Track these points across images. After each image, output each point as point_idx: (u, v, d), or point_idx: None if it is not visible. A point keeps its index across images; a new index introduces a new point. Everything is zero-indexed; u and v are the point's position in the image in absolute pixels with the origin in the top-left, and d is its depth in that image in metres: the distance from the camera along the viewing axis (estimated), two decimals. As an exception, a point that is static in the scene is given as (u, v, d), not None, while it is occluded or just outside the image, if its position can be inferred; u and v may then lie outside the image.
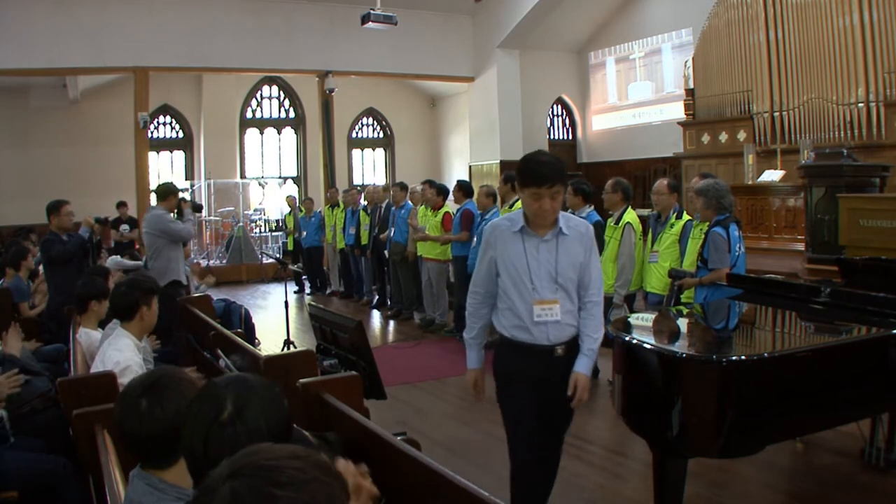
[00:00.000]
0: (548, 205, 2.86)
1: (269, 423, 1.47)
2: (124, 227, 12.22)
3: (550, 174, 2.85)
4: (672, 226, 5.36)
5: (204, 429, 1.46)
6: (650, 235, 5.60)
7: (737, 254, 4.56)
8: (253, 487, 0.99)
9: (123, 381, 2.74)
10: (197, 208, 7.38)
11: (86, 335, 3.97)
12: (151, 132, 14.17)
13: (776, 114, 10.73)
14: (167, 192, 6.45)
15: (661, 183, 5.54)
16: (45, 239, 6.11)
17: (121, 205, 12.42)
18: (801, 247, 8.87)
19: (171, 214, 6.33)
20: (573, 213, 6.12)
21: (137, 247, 11.18)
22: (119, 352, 3.17)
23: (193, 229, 6.72)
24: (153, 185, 14.00)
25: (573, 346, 3.00)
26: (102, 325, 3.99)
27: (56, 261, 5.93)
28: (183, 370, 2.12)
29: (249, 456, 1.05)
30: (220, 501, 0.99)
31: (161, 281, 5.99)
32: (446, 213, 8.23)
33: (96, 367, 3.19)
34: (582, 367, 2.98)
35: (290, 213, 12.59)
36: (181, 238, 6.27)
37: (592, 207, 6.16)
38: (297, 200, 12.84)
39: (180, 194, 6.72)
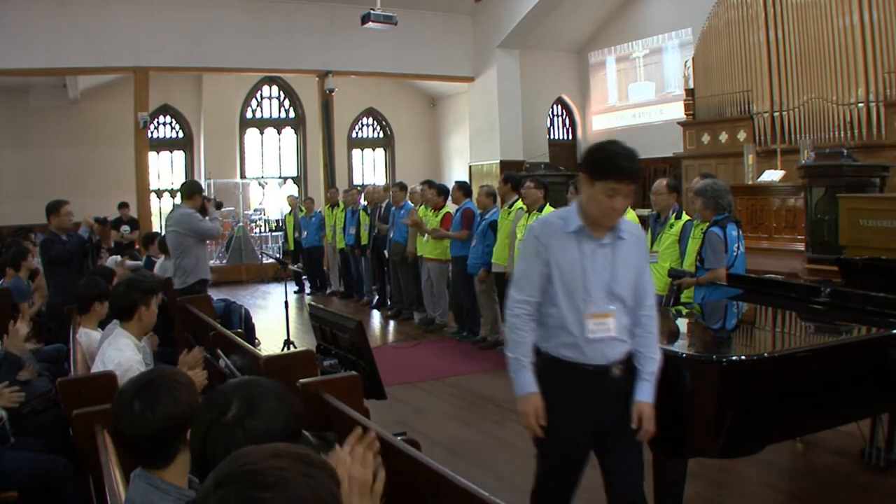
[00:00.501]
0: (620, 203, 2.48)
1: (271, 429, 1.46)
2: (125, 228, 12.23)
3: (634, 169, 2.49)
4: (671, 226, 5.36)
5: (204, 428, 1.46)
6: (649, 235, 5.60)
7: (735, 254, 4.55)
8: (239, 494, 1.01)
9: (124, 381, 2.74)
10: (218, 206, 7.43)
11: (86, 335, 3.97)
12: (151, 132, 14.17)
13: (776, 114, 10.74)
14: (193, 190, 6.47)
15: (661, 183, 5.54)
16: (45, 239, 6.10)
17: (122, 206, 12.42)
18: (801, 247, 8.88)
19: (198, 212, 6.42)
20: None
21: (137, 247, 11.19)
22: (119, 352, 3.17)
23: (220, 227, 6.81)
24: (153, 185, 14.07)
25: (630, 366, 2.60)
26: (102, 325, 3.99)
27: (56, 261, 5.93)
28: (180, 371, 2.12)
29: (232, 463, 1.07)
30: None
31: (190, 279, 6.20)
32: (447, 213, 8.23)
33: (96, 368, 3.19)
34: (646, 395, 2.58)
35: (290, 212, 12.59)
36: (210, 236, 6.40)
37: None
38: (298, 200, 12.84)
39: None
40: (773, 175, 10.01)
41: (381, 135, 17.89)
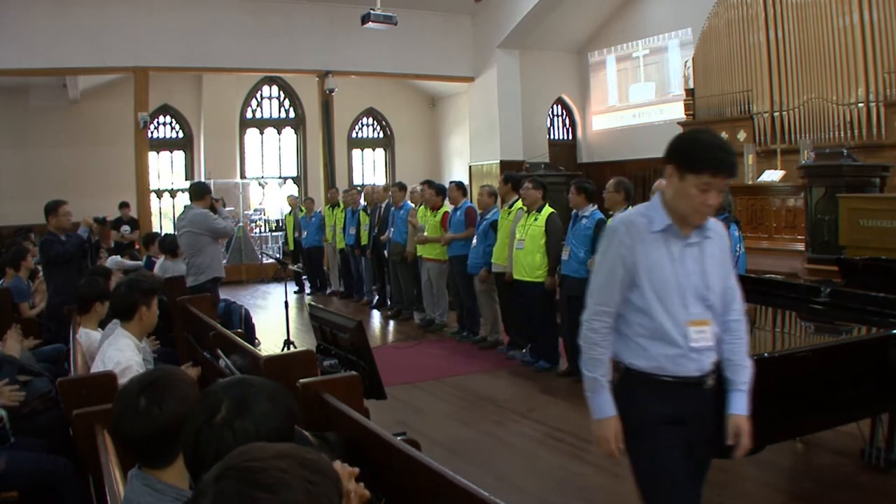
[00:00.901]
0: (713, 199, 2.25)
1: (262, 429, 1.46)
2: (125, 228, 12.22)
3: (731, 161, 2.24)
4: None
5: (196, 427, 1.46)
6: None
7: (736, 254, 4.55)
8: (236, 490, 1.00)
9: (124, 381, 2.74)
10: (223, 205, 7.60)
11: (86, 335, 3.97)
12: (151, 132, 14.15)
13: (776, 114, 10.74)
14: (203, 191, 6.68)
15: (660, 183, 5.50)
16: (44, 239, 6.10)
17: (123, 205, 12.41)
18: (801, 247, 8.89)
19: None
20: (577, 213, 6.13)
21: (137, 247, 11.18)
22: (119, 352, 3.17)
23: (232, 225, 7.05)
24: (153, 186, 14.06)
25: (719, 376, 2.40)
26: (102, 325, 3.99)
27: (55, 261, 5.92)
28: (182, 370, 2.12)
29: (237, 457, 1.06)
30: None
31: (204, 277, 6.40)
32: (445, 212, 8.22)
33: (96, 368, 3.19)
34: (741, 407, 2.36)
35: (290, 212, 12.59)
36: (225, 234, 6.68)
37: (596, 206, 6.17)
38: (298, 200, 12.84)
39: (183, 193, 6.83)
40: (772, 175, 10.02)
41: (381, 135, 17.88)
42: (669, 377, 2.29)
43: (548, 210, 6.51)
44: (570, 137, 16.09)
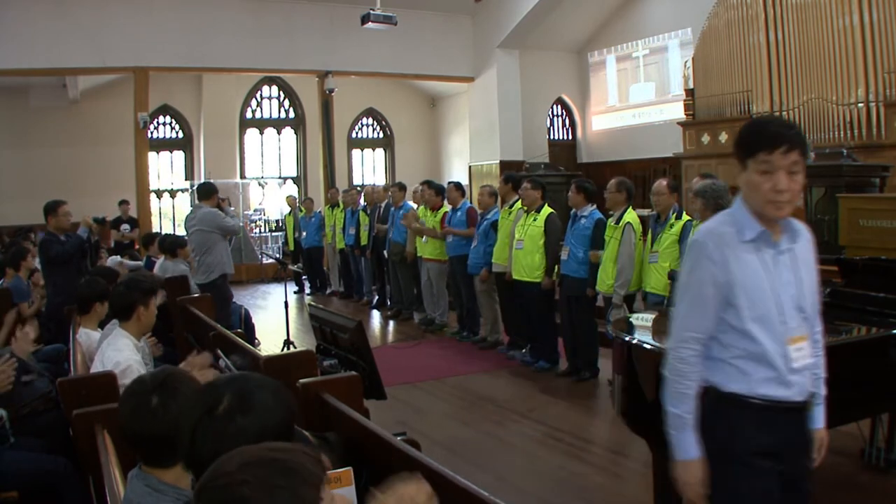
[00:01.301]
0: (784, 182, 1.97)
1: (264, 425, 1.45)
2: (125, 227, 12.20)
3: (792, 135, 1.98)
4: (672, 226, 5.36)
5: (194, 420, 1.46)
6: (650, 236, 5.61)
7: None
8: None
9: (125, 381, 2.74)
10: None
11: (86, 335, 3.97)
12: (151, 132, 14.15)
13: (776, 114, 10.73)
14: (210, 191, 6.90)
15: (661, 183, 5.54)
16: (43, 239, 6.10)
17: (122, 203, 12.38)
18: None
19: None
20: (576, 213, 6.14)
21: (137, 247, 11.18)
22: (118, 352, 3.17)
23: (240, 223, 7.22)
24: (153, 186, 14.05)
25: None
26: (102, 325, 3.99)
27: (54, 261, 5.93)
28: (187, 371, 2.12)
29: (210, 474, 1.08)
30: None
31: (213, 274, 6.65)
32: (445, 213, 8.22)
33: (96, 368, 3.19)
34: (822, 420, 2.23)
35: (289, 213, 12.59)
36: (234, 231, 6.96)
37: (595, 206, 6.17)
38: (298, 200, 12.85)
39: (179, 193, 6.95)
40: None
41: (381, 135, 17.88)
42: (770, 401, 2.05)
43: (547, 210, 6.51)
44: (570, 137, 16.08)
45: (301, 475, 1.06)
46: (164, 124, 15.59)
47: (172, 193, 15.64)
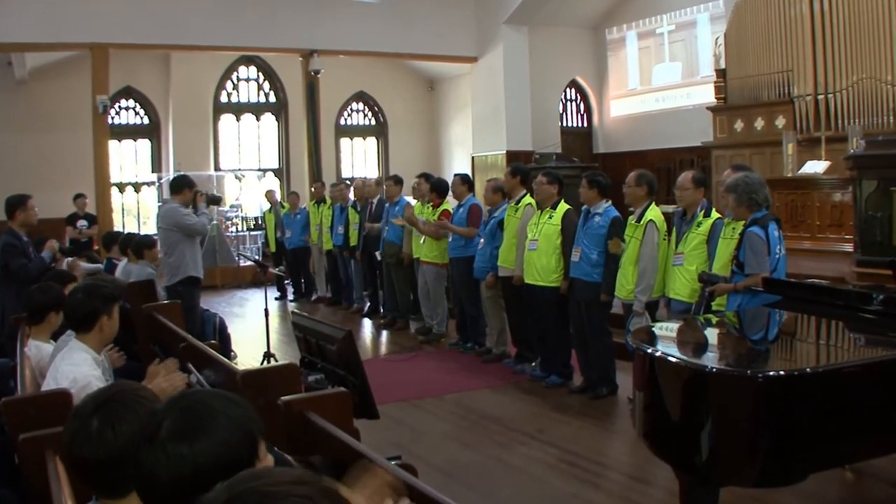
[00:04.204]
0: None
1: (207, 453, 1.41)
2: (81, 223, 12.13)
3: None
4: (699, 224, 5.35)
5: (136, 449, 1.46)
6: (674, 235, 5.60)
7: (777, 256, 4.55)
8: None
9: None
10: (214, 200, 7.76)
11: (36, 348, 3.96)
12: (112, 118, 14.10)
13: (820, 97, 10.71)
14: (182, 184, 6.92)
15: (686, 176, 5.54)
16: (6, 243, 6.15)
17: (78, 197, 12.24)
18: (848, 247, 8.85)
19: (189, 208, 6.84)
20: (589, 209, 6.13)
21: (96, 247, 11.15)
22: (75, 367, 3.15)
23: (208, 223, 7.23)
24: (115, 178, 14.03)
25: None
26: (55, 336, 3.97)
27: (14, 274, 6.01)
28: (143, 386, 2.11)
29: (248, 480, 1.07)
30: None
31: (174, 278, 6.66)
32: (445, 210, 8.21)
33: (47, 385, 3.17)
34: None
35: (269, 209, 12.55)
36: (195, 232, 6.82)
37: (610, 202, 6.16)
38: (279, 195, 12.84)
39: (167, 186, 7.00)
40: (816, 166, 9.99)
41: (373, 122, 17.89)
42: None
43: (564, 206, 6.50)
44: (585, 125, 16.09)
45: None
46: (127, 109, 15.58)
47: (137, 187, 15.65)
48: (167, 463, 1.40)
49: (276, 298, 11.81)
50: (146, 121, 15.80)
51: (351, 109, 17.64)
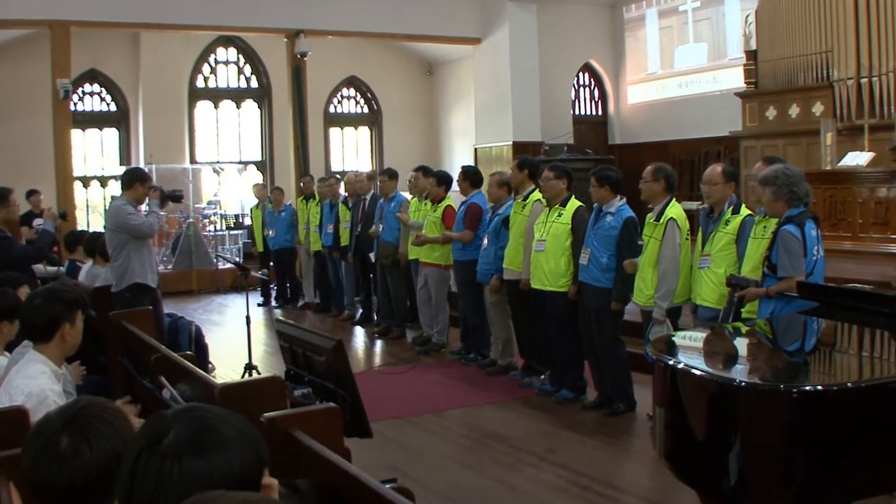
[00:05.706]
0: None
1: (213, 471, 1.40)
2: (38, 222, 12.11)
3: None
4: (727, 223, 5.34)
5: (134, 455, 1.43)
6: (700, 235, 5.59)
7: (814, 258, 4.54)
8: None
9: (38, 417, 2.72)
10: (174, 198, 7.63)
11: (-11, 361, 3.95)
12: (75, 104, 14.15)
13: (863, 80, 10.70)
14: (132, 179, 6.81)
15: (714, 170, 5.53)
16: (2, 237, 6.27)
17: (31, 194, 12.12)
18: (894, 249, 8.86)
19: (142, 206, 6.76)
20: (601, 208, 6.13)
21: (55, 249, 11.13)
22: (31, 379, 3.14)
23: (157, 224, 7.11)
24: (78, 172, 14.02)
25: None
26: (10, 348, 3.96)
27: (18, 264, 6.08)
28: (109, 400, 2.09)
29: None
30: None
31: (120, 284, 6.49)
32: (447, 206, 8.21)
33: (1, 402, 3.16)
34: None
35: (257, 205, 12.48)
36: (140, 234, 6.64)
37: (624, 200, 6.16)
38: (266, 191, 12.83)
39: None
40: (858, 158, 9.99)
41: (366, 110, 17.93)
42: None
43: (574, 203, 6.50)
44: (600, 113, 16.13)
45: None
46: (92, 95, 15.61)
47: (103, 181, 15.67)
48: (179, 478, 1.38)
49: (259, 305, 11.82)
50: (113, 108, 15.81)
51: (341, 96, 17.69)
